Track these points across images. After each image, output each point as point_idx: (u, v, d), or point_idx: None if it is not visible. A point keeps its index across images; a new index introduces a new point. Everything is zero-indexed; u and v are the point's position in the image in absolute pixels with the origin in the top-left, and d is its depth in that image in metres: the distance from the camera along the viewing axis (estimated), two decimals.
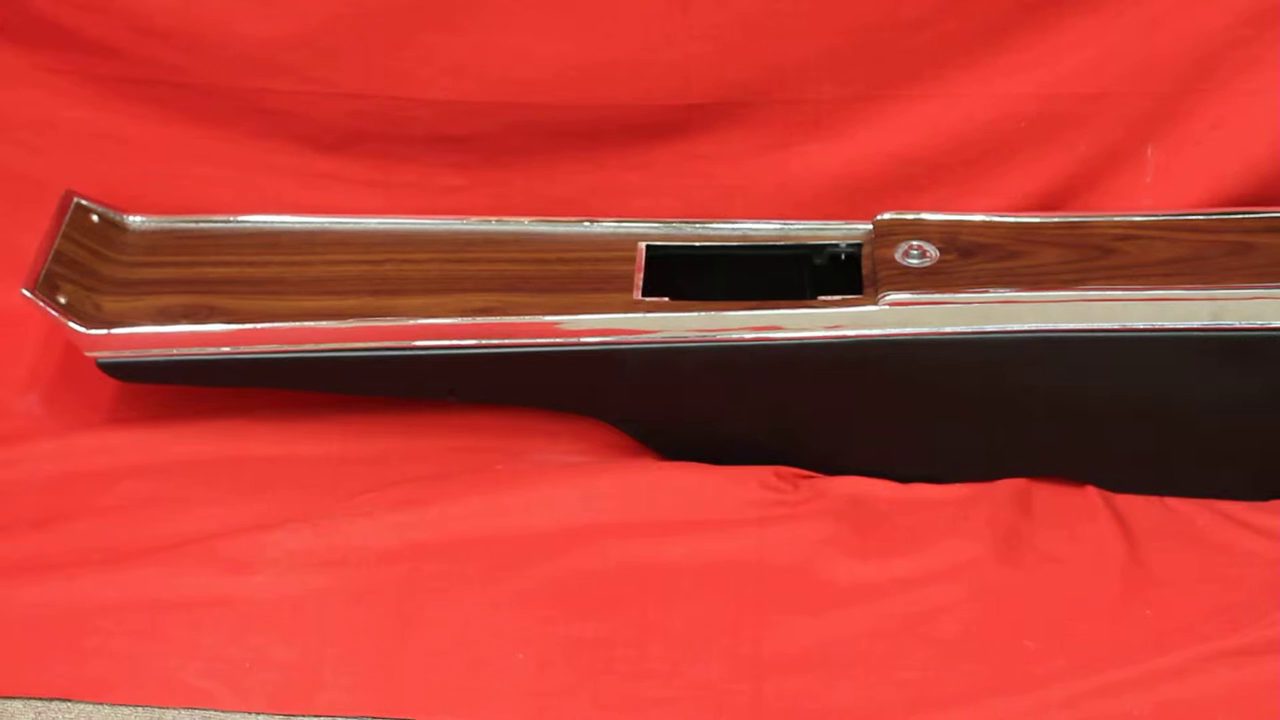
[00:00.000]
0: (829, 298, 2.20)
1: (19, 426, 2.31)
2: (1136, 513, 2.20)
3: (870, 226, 2.30)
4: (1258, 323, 2.15)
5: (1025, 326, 2.17)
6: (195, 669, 2.03)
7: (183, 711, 2.00)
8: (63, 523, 2.18)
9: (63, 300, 2.23)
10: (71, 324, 2.21)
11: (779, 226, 2.34)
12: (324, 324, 2.21)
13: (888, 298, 2.18)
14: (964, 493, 2.22)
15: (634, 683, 2.01)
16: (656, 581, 2.12)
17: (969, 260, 2.23)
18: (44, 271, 2.24)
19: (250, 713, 2.00)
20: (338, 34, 2.36)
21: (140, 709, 2.00)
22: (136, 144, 2.44)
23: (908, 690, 1.99)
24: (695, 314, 2.19)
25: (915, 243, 2.25)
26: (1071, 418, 2.21)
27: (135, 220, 2.37)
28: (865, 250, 2.28)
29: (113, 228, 2.35)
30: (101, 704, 2.01)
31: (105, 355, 2.23)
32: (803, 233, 2.33)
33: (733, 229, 2.34)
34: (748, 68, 2.36)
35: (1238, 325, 2.15)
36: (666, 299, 2.22)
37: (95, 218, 2.34)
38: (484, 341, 2.21)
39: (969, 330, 2.17)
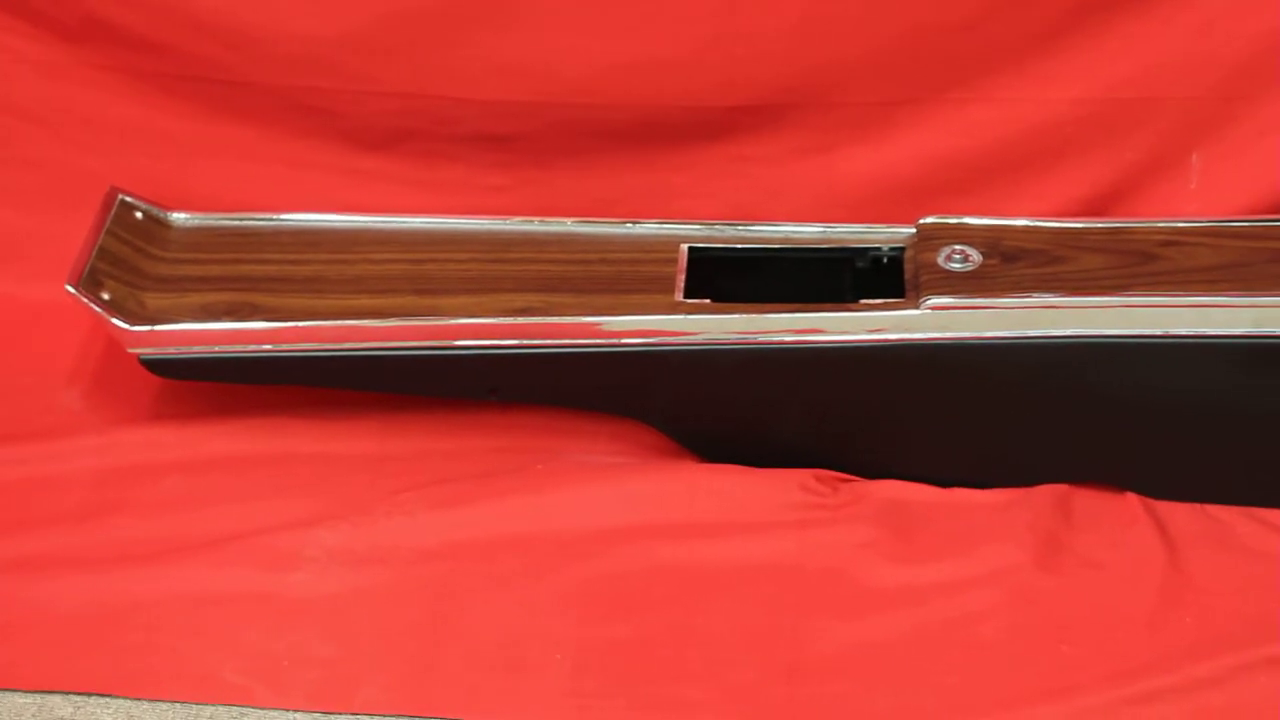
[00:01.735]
0: (871, 301, 2.20)
1: (62, 422, 2.32)
2: (1177, 520, 2.19)
3: (913, 230, 2.30)
4: None
5: (1067, 332, 2.16)
6: (234, 666, 2.04)
7: (221, 708, 2.01)
8: (104, 518, 2.19)
9: (106, 296, 2.24)
10: (115, 320, 2.22)
11: (821, 229, 2.33)
12: (365, 323, 2.21)
13: (930, 302, 2.17)
14: (1004, 498, 2.21)
15: (671, 685, 2.01)
16: (694, 584, 2.11)
17: (1012, 265, 2.22)
18: (88, 268, 2.25)
19: (289, 710, 2.01)
20: (383, 33, 2.36)
21: (178, 705, 2.01)
22: (182, 141, 2.45)
23: (946, 696, 1.99)
24: (736, 316, 2.19)
25: (958, 247, 2.24)
26: (1113, 424, 2.20)
27: (179, 217, 2.38)
28: (908, 254, 2.28)
29: (157, 224, 2.36)
30: (140, 700, 2.02)
31: (148, 352, 2.24)
32: (845, 236, 2.33)
33: (775, 231, 2.33)
34: (792, 70, 2.36)
35: None
36: (708, 301, 2.22)
37: (139, 214, 2.35)
38: (525, 342, 2.21)
39: (1011, 335, 2.16)
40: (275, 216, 2.38)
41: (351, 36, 2.37)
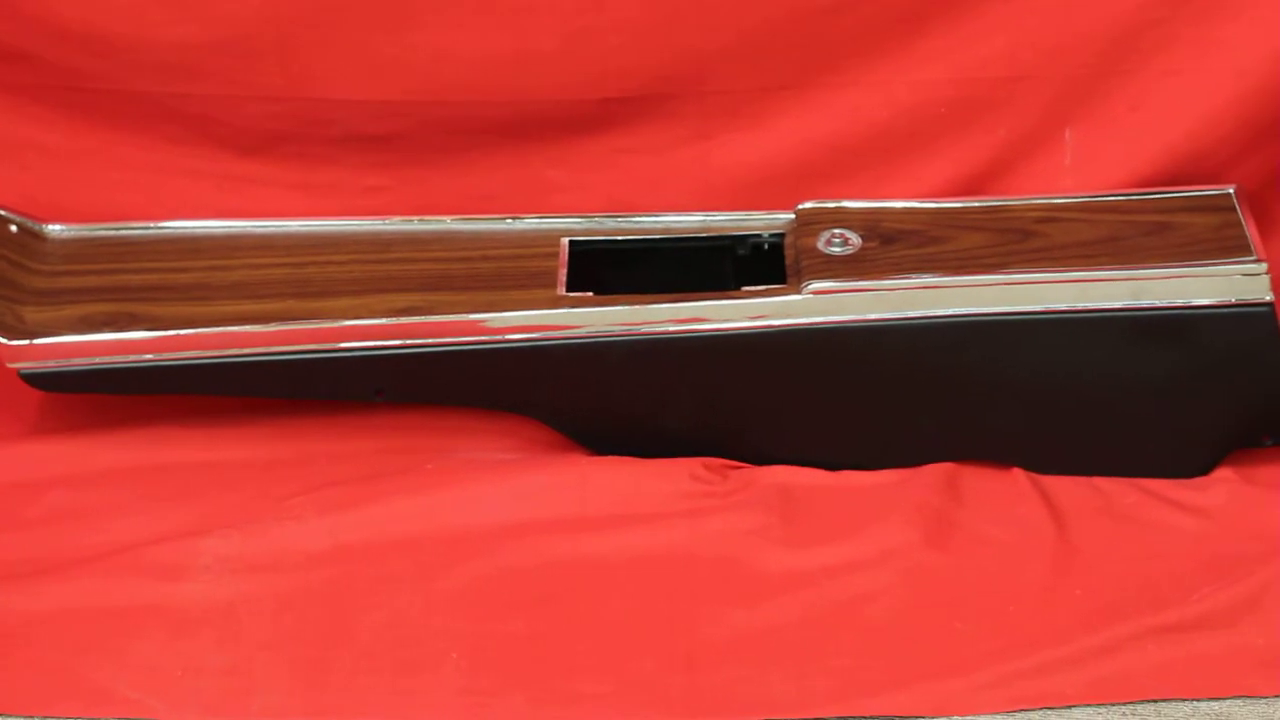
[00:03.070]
0: (753, 288, 2.21)
1: None
2: (1063, 493, 2.21)
3: (793, 216, 2.31)
4: (1178, 301, 2.17)
5: (948, 311, 2.18)
6: (128, 680, 2.02)
7: None
8: None
9: None
10: None
11: (701, 218, 2.34)
12: (247, 328, 2.20)
13: (811, 286, 2.18)
14: (892, 478, 2.23)
15: (568, 679, 2.01)
16: (588, 577, 2.12)
17: (891, 247, 2.23)
18: None
19: None
20: (254, 37, 2.35)
21: None
22: (54, 152, 2.42)
23: (841, 677, 2.00)
24: (619, 308, 2.19)
25: (837, 231, 2.25)
26: (997, 401, 2.22)
27: (55, 229, 2.35)
28: (788, 240, 2.29)
29: (32, 237, 2.34)
30: (33, 718, 1.99)
31: (28, 366, 2.22)
32: (725, 224, 2.34)
33: (655, 222, 2.34)
34: (666, 60, 2.36)
35: (1158, 304, 2.17)
36: (591, 294, 2.22)
37: (13, 227, 2.33)
38: (409, 341, 2.21)
39: (892, 316, 2.18)
40: (152, 225, 2.37)
41: (222, 41, 2.35)
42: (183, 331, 2.21)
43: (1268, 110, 2.32)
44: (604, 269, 2.29)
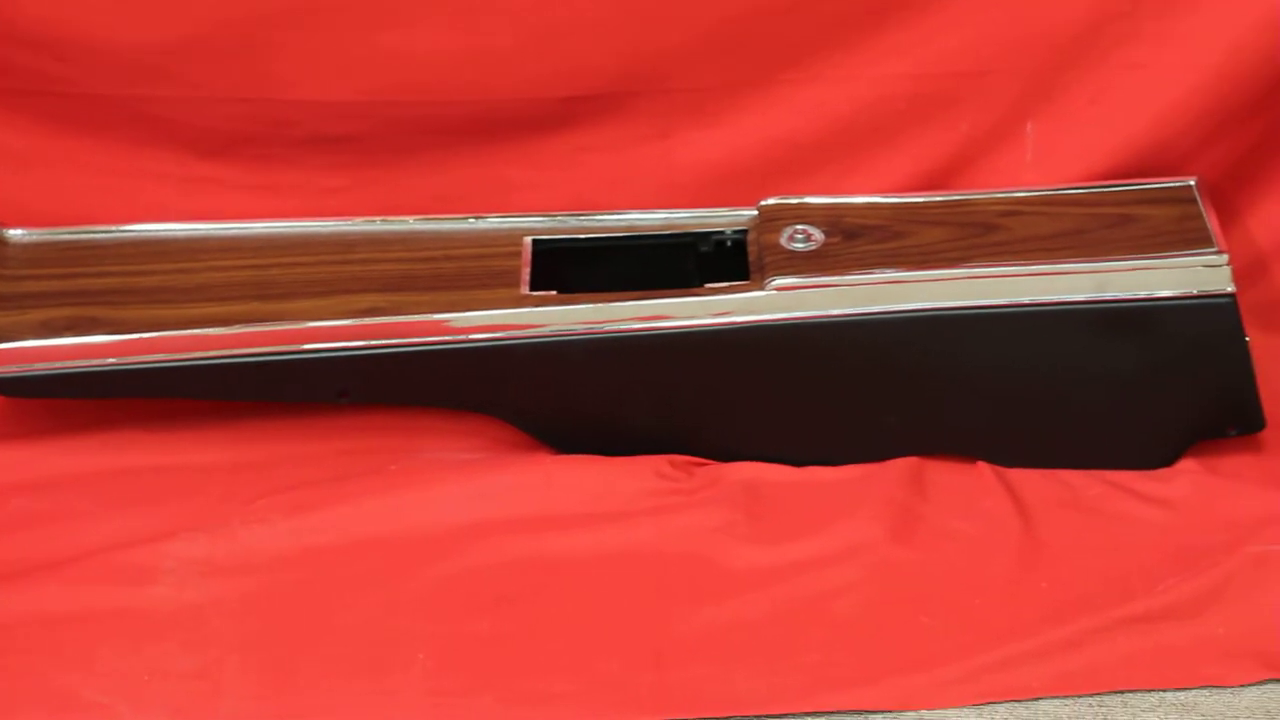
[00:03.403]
0: (716, 285, 2.21)
1: None
2: (1029, 487, 2.22)
3: (755, 212, 2.31)
4: (1141, 293, 2.18)
5: (911, 306, 2.18)
6: (95, 685, 2.01)
7: None
8: None
9: None
10: None
11: (664, 216, 2.34)
12: (210, 331, 2.20)
13: (774, 283, 2.18)
14: (857, 474, 2.23)
15: (536, 679, 2.01)
16: (554, 576, 2.11)
17: (854, 242, 2.24)
18: None
19: None
20: (214, 39, 2.34)
21: None
22: (14, 155, 2.41)
23: (808, 673, 2.00)
24: (583, 306, 2.19)
25: (800, 227, 2.26)
26: (961, 395, 2.22)
27: (15, 233, 2.35)
28: (750, 236, 2.29)
29: None
30: None
31: None
32: (688, 221, 2.34)
33: (618, 220, 2.34)
34: (627, 58, 2.36)
35: (1121, 296, 2.18)
36: (554, 292, 2.22)
37: None
38: (372, 342, 2.20)
39: (855, 312, 2.18)
40: (114, 228, 2.36)
41: (182, 43, 2.34)
42: (146, 335, 2.20)
43: (1227, 102, 2.33)
44: (567, 268, 2.29)
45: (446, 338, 2.20)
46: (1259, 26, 2.31)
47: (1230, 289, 2.18)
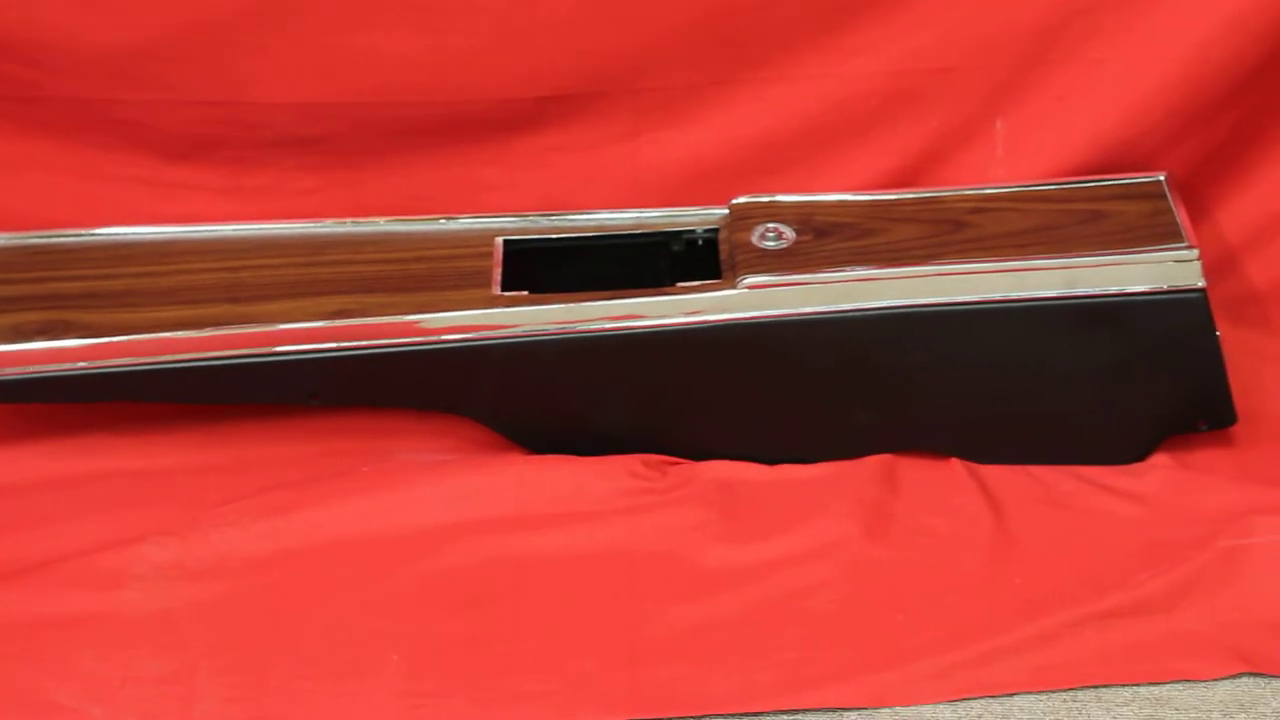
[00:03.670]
0: (688, 284, 2.21)
1: None
2: (1001, 483, 2.22)
3: (726, 211, 2.31)
4: (1112, 289, 2.18)
5: (883, 303, 2.18)
6: (67, 689, 2.01)
7: None
8: None
9: None
10: None
11: (635, 215, 2.34)
12: (181, 334, 2.19)
13: (745, 281, 2.18)
14: (830, 471, 2.23)
15: (510, 678, 2.01)
16: (528, 576, 2.11)
17: (825, 240, 2.24)
18: None
19: None
20: (183, 41, 2.34)
21: None
22: None
23: (783, 671, 2.00)
24: (554, 306, 2.19)
25: (771, 225, 2.26)
26: (933, 392, 2.22)
27: None
28: (722, 235, 2.29)
29: None
30: None
31: None
32: (659, 220, 2.34)
33: (589, 220, 2.34)
34: (597, 58, 2.36)
35: (1092, 292, 2.18)
36: (525, 293, 2.22)
37: None
38: (344, 344, 2.20)
39: (827, 310, 2.18)
40: (84, 232, 2.36)
41: (150, 46, 2.34)
42: (117, 339, 2.20)
43: (1195, 97, 2.34)
44: (538, 268, 2.29)
45: (418, 339, 2.20)
46: (1225, 23, 2.31)
47: (1201, 284, 2.18)
